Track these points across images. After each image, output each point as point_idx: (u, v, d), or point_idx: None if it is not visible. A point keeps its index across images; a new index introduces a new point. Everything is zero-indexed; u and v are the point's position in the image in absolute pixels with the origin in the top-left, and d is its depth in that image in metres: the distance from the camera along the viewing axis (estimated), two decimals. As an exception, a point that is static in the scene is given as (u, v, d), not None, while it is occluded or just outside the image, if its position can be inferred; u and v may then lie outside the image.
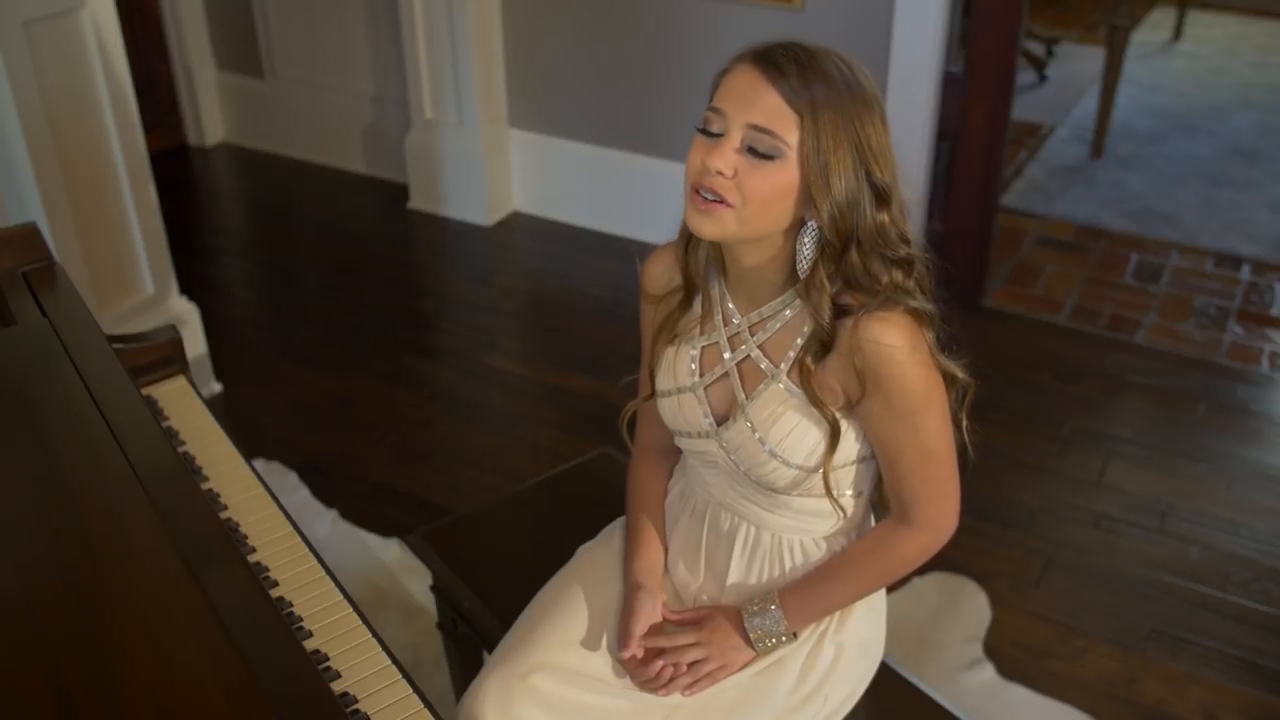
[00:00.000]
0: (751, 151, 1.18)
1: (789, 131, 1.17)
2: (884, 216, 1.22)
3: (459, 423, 2.89)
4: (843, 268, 1.23)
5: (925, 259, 1.28)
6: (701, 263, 1.37)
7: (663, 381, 1.41)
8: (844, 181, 1.18)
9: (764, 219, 1.21)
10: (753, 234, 1.23)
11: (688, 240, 1.37)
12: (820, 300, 1.24)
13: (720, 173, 1.19)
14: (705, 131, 1.21)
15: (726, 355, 1.34)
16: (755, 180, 1.18)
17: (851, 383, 1.25)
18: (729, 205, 1.20)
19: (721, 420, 1.36)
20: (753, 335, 1.33)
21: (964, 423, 1.33)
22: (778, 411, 1.30)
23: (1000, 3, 2.95)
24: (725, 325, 1.35)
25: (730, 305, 1.35)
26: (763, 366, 1.32)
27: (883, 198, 1.21)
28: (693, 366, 1.38)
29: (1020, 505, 2.59)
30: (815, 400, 1.27)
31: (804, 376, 1.27)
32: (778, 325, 1.31)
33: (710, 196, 1.20)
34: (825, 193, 1.18)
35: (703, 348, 1.37)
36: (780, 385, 1.30)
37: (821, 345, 1.26)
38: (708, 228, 1.22)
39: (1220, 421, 2.88)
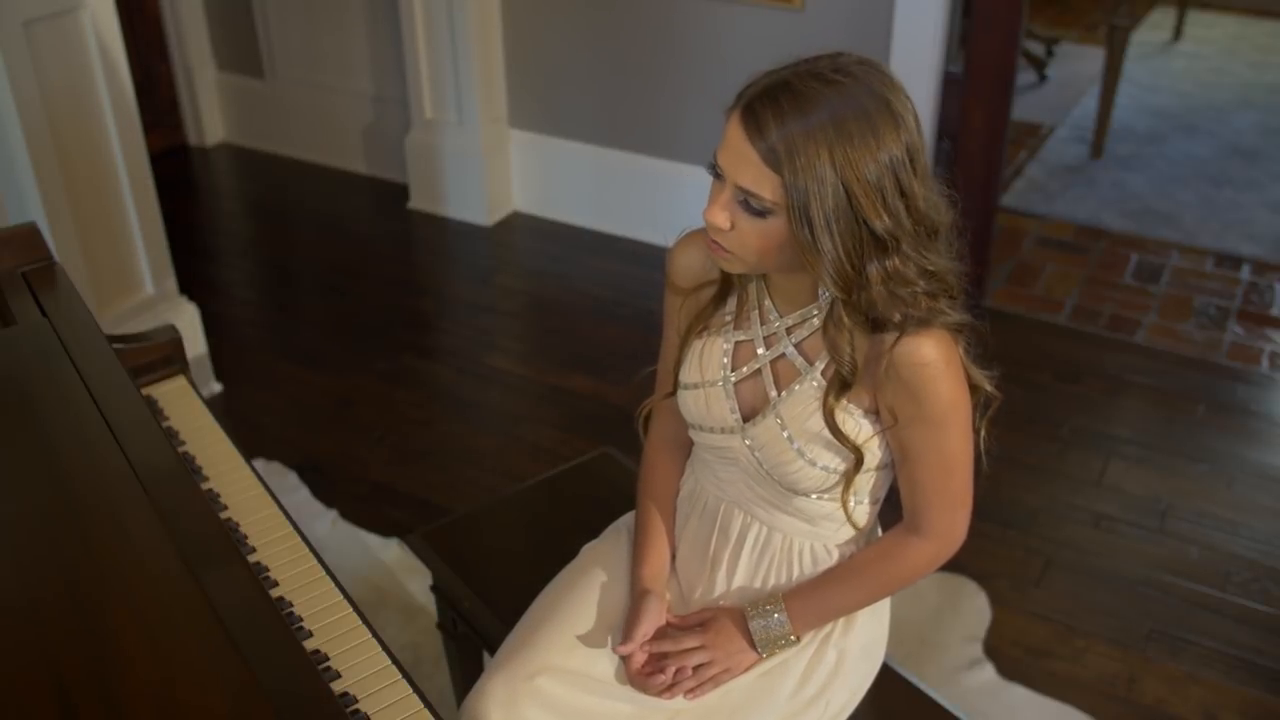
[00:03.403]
0: (745, 205, 1.18)
1: (772, 191, 1.15)
2: (892, 262, 1.17)
3: (459, 423, 2.89)
4: (864, 302, 1.20)
5: (956, 271, 1.24)
6: None
7: (688, 375, 1.39)
8: (836, 236, 1.14)
9: (770, 261, 1.22)
10: (768, 270, 1.26)
11: None
12: (839, 339, 1.22)
13: (719, 227, 1.20)
14: (713, 171, 1.22)
15: (761, 351, 1.34)
16: (751, 233, 1.19)
17: (882, 389, 1.25)
18: (732, 253, 1.22)
19: (748, 417, 1.35)
20: (790, 335, 1.32)
21: (983, 431, 1.32)
22: (809, 409, 1.29)
23: (1000, 3, 2.95)
24: (763, 323, 1.34)
25: (769, 304, 1.34)
26: (798, 364, 1.31)
27: (887, 246, 1.16)
28: (725, 361, 1.36)
29: (1020, 505, 2.59)
30: (838, 435, 1.27)
31: (828, 415, 1.26)
32: (816, 324, 1.29)
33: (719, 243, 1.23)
34: (815, 248, 1.15)
35: (736, 342, 1.36)
36: (814, 384, 1.29)
37: (843, 384, 1.25)
38: (726, 267, 1.27)
39: (1220, 421, 2.88)
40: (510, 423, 2.89)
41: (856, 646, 1.42)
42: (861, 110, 1.13)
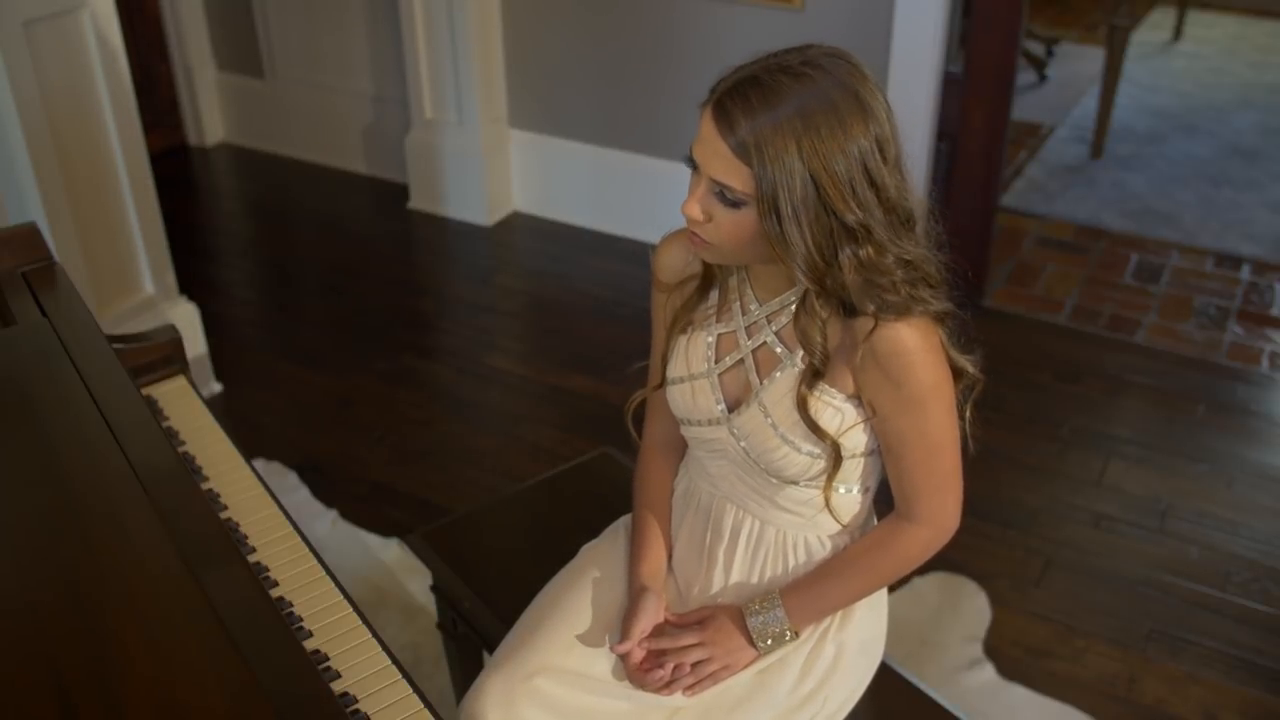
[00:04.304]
0: (720, 197, 1.20)
1: (743, 183, 1.17)
2: (865, 251, 1.18)
3: (459, 423, 2.89)
4: (838, 290, 1.22)
5: (935, 260, 1.26)
6: None
7: (675, 369, 1.41)
8: (805, 226, 1.16)
9: (745, 252, 1.24)
10: (745, 261, 1.28)
11: None
12: (810, 329, 1.24)
13: (694, 219, 1.23)
14: (690, 163, 1.24)
15: (744, 341, 1.34)
16: (726, 223, 1.21)
17: (861, 377, 1.26)
18: (710, 243, 1.24)
19: (734, 407, 1.36)
20: (770, 323, 1.33)
21: (967, 414, 1.33)
22: (791, 396, 1.30)
23: (1000, 3, 2.95)
24: (743, 313, 1.35)
25: (750, 293, 1.35)
26: (778, 351, 1.32)
27: (859, 236, 1.18)
28: (709, 354, 1.37)
29: (1020, 505, 2.59)
30: (814, 428, 1.28)
31: (800, 402, 1.27)
32: (795, 311, 1.30)
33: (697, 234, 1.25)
34: (784, 241, 1.17)
35: (719, 335, 1.37)
36: (795, 370, 1.30)
37: (815, 373, 1.27)
38: (706, 258, 1.30)
39: (1220, 421, 2.88)
40: (510, 423, 2.89)
41: (855, 642, 1.42)
42: (829, 103, 1.15)
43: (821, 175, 1.14)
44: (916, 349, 1.22)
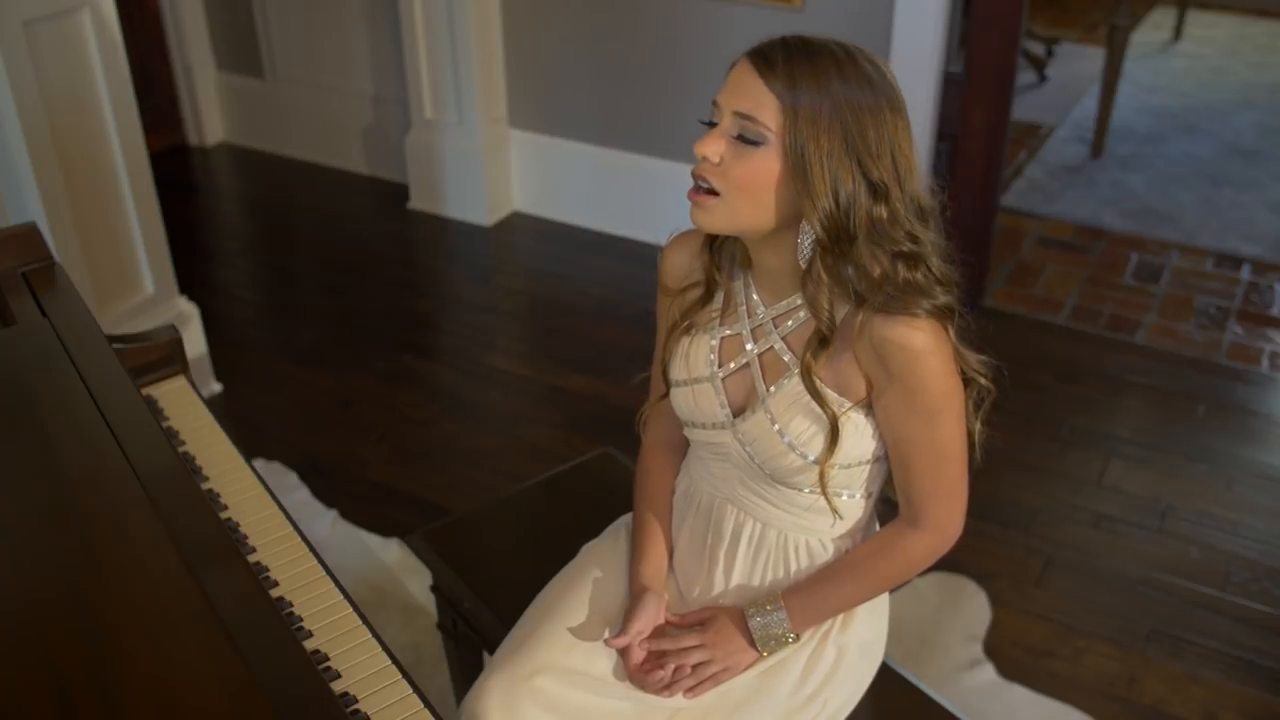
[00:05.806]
0: (740, 139, 1.19)
1: (770, 117, 1.17)
2: (881, 211, 1.19)
3: (459, 423, 2.89)
4: (844, 261, 1.21)
5: (940, 246, 1.25)
6: (725, 258, 1.37)
7: (677, 372, 1.40)
8: (828, 172, 1.16)
9: (752, 209, 1.21)
10: (745, 225, 1.23)
11: (713, 237, 1.37)
12: (818, 294, 1.23)
13: (707, 159, 1.21)
14: (708, 124, 1.23)
15: (749, 346, 1.34)
16: (740, 167, 1.19)
17: (876, 374, 1.25)
18: (716, 194, 1.21)
19: (738, 412, 1.35)
20: (776, 327, 1.32)
21: (976, 427, 1.33)
22: (799, 404, 1.29)
23: (1000, 3, 2.95)
24: (749, 316, 1.34)
25: (755, 297, 1.34)
26: (785, 359, 1.31)
27: (878, 193, 1.18)
28: (711, 357, 1.37)
29: (1020, 505, 2.59)
30: (816, 396, 1.27)
31: (805, 371, 1.26)
32: (803, 317, 1.30)
33: (703, 185, 1.22)
34: (806, 182, 1.17)
35: (722, 338, 1.36)
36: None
37: (822, 340, 1.25)
38: (700, 218, 1.24)
39: (1220, 421, 2.88)
40: (510, 423, 2.89)
41: (855, 644, 1.42)
42: (869, 82, 1.18)
43: (852, 127, 1.16)
44: (927, 351, 1.21)
